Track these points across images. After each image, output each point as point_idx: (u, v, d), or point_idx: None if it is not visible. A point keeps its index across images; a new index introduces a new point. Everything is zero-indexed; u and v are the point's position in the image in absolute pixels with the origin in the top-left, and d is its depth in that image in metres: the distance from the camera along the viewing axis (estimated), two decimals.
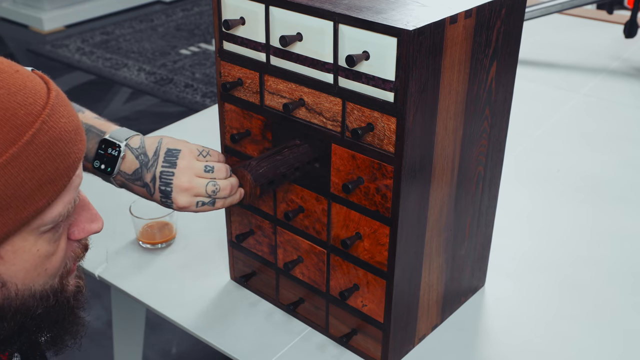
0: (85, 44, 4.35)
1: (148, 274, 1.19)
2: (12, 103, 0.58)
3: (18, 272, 0.63)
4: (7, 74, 0.59)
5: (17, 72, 0.61)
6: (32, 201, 0.59)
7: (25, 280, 0.64)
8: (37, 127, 0.58)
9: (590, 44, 2.20)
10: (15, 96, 0.58)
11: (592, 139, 1.65)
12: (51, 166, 0.60)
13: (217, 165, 0.90)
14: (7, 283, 0.63)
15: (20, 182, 0.58)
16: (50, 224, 0.62)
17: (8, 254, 0.61)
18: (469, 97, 0.90)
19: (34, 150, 0.58)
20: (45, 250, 0.64)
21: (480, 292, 1.15)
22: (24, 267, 0.63)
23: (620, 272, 1.20)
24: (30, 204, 0.59)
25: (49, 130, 0.59)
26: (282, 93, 0.93)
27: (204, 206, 0.89)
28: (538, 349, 1.04)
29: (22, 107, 0.58)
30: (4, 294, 0.63)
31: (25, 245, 0.62)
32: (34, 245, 0.63)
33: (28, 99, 0.59)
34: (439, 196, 0.93)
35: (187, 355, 2.00)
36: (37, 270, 0.64)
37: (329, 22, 0.83)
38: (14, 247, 0.61)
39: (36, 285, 0.65)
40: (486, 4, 0.86)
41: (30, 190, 0.59)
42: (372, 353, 1.00)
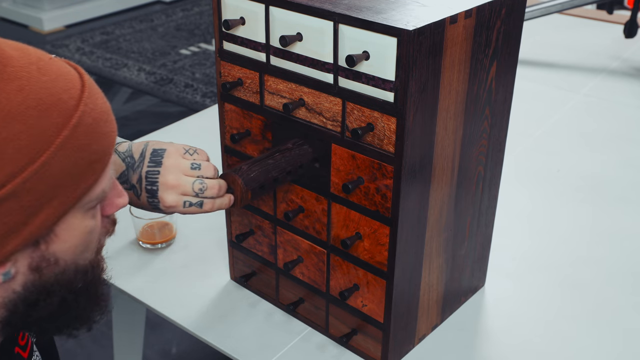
0: (85, 44, 4.35)
1: (148, 274, 1.19)
2: (57, 89, 0.61)
3: (68, 248, 0.66)
4: (45, 62, 0.62)
5: (51, 59, 0.64)
6: (83, 179, 0.63)
7: (73, 256, 0.67)
8: (81, 109, 0.62)
9: (590, 44, 2.20)
10: (57, 82, 0.62)
11: (592, 139, 1.65)
12: (97, 145, 0.63)
13: (204, 164, 0.89)
14: (59, 260, 0.66)
15: (73, 163, 0.62)
16: (95, 200, 0.66)
17: (62, 232, 0.65)
18: (469, 97, 0.90)
19: (82, 131, 0.62)
20: (90, 226, 0.68)
21: (480, 292, 1.15)
22: (73, 244, 0.66)
23: (620, 272, 1.20)
24: (82, 182, 0.63)
25: (90, 112, 0.63)
26: (282, 93, 0.93)
27: (191, 207, 0.88)
28: (538, 348, 1.04)
29: (64, 92, 0.62)
30: (55, 271, 0.66)
31: (75, 222, 0.65)
32: (82, 221, 0.66)
33: (68, 83, 0.62)
34: (439, 196, 0.93)
35: (187, 355, 2.00)
36: (83, 246, 0.68)
37: (329, 22, 0.83)
38: (67, 225, 0.64)
39: (80, 260, 0.69)
40: (486, 4, 0.86)
41: (81, 169, 0.62)
42: (372, 353, 1.00)
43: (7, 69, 0.59)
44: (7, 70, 0.59)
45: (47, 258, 0.65)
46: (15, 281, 0.64)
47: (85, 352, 2.00)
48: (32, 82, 0.60)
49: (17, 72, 0.59)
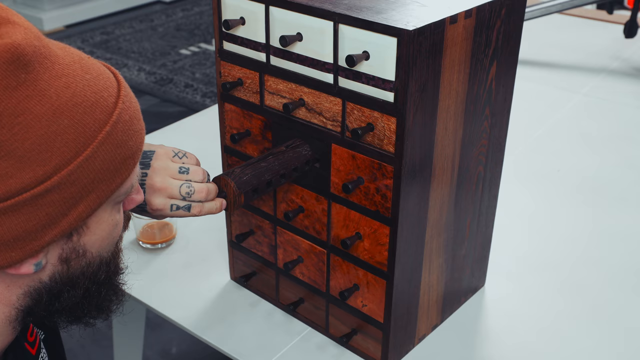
0: (85, 44, 4.35)
1: (148, 274, 1.19)
2: (98, 86, 0.64)
3: (96, 240, 0.68)
4: (86, 61, 0.65)
5: (89, 58, 0.66)
6: (118, 174, 0.65)
7: (100, 249, 0.69)
8: (120, 107, 0.65)
9: (590, 44, 2.20)
10: (99, 80, 0.64)
11: (592, 139, 1.65)
12: (132, 141, 0.66)
13: (193, 168, 0.88)
14: (87, 252, 0.68)
15: (112, 158, 0.64)
16: (123, 195, 0.69)
17: (93, 224, 0.67)
18: (469, 97, 0.90)
19: (121, 128, 0.64)
20: (116, 220, 0.70)
21: (480, 292, 1.15)
22: (101, 236, 0.68)
23: (620, 272, 1.20)
24: (117, 177, 0.65)
25: (127, 110, 0.66)
26: (282, 93, 0.93)
27: (179, 210, 0.87)
28: (538, 348, 1.04)
29: (105, 90, 0.64)
30: (82, 263, 0.68)
31: (104, 216, 0.68)
32: (110, 215, 0.69)
33: (107, 82, 0.65)
34: (439, 196, 0.93)
35: (187, 355, 2.00)
36: (109, 239, 0.70)
37: (329, 22, 0.83)
38: (98, 218, 0.67)
39: (104, 253, 0.71)
40: (486, 4, 0.86)
41: (118, 164, 0.65)
42: (372, 353, 1.00)
43: (55, 67, 0.61)
44: (56, 68, 0.61)
45: (76, 250, 0.67)
46: (44, 271, 0.66)
47: (85, 352, 2.00)
48: (77, 80, 0.62)
49: (64, 70, 0.61)
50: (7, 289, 0.65)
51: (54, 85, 0.60)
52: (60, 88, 0.60)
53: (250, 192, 0.89)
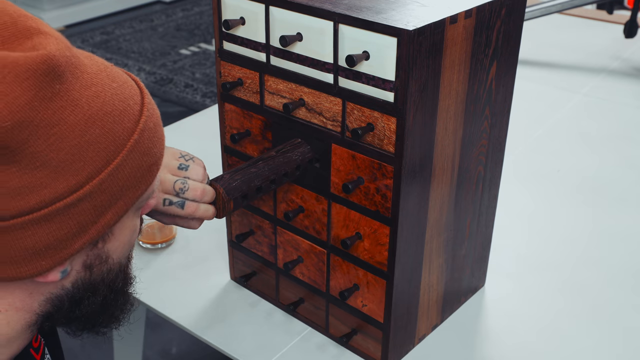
0: (85, 44, 4.35)
1: (148, 274, 1.19)
2: (125, 95, 0.64)
3: (119, 246, 0.69)
4: (110, 69, 0.65)
5: (112, 65, 0.67)
6: (143, 181, 0.66)
7: (120, 255, 0.70)
8: (145, 114, 0.65)
9: (590, 44, 2.20)
10: (124, 89, 0.65)
11: (592, 139, 1.65)
12: (156, 148, 0.67)
13: (193, 166, 0.89)
14: (109, 258, 0.68)
15: (139, 165, 0.64)
16: (145, 201, 0.69)
17: (117, 230, 0.67)
18: (469, 97, 0.90)
19: (147, 135, 0.65)
20: (136, 226, 0.71)
21: (480, 292, 1.15)
22: (122, 242, 0.69)
23: (620, 272, 1.20)
24: (142, 183, 0.66)
25: (151, 117, 0.67)
26: (282, 93, 0.93)
27: (171, 206, 0.87)
28: (538, 348, 1.04)
29: (130, 98, 0.65)
30: (104, 269, 0.68)
31: (127, 222, 0.68)
32: (132, 221, 0.69)
33: (132, 90, 0.66)
34: (439, 196, 0.93)
35: (187, 355, 2.00)
36: (129, 244, 0.71)
37: (329, 22, 0.83)
38: (122, 224, 0.67)
39: (122, 259, 0.71)
40: (486, 4, 0.86)
41: (144, 171, 0.65)
42: (372, 353, 1.00)
43: (85, 76, 0.61)
44: (85, 77, 0.61)
45: (100, 256, 0.67)
46: (67, 278, 0.66)
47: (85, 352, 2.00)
48: (106, 89, 0.62)
49: (93, 79, 0.61)
50: (29, 296, 0.65)
51: (85, 95, 0.60)
52: (90, 97, 0.60)
53: (240, 199, 0.89)
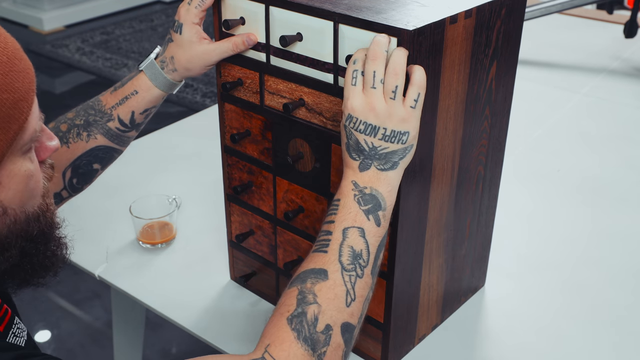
0: (85, 44, 4.35)
1: (148, 274, 1.19)
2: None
3: (14, 196, 0.67)
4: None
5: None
6: (13, 119, 0.64)
7: (21, 203, 0.68)
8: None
9: (590, 44, 2.20)
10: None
11: (592, 139, 1.65)
12: (18, 83, 0.64)
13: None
14: (8, 209, 0.67)
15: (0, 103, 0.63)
16: (29, 142, 0.67)
17: (4, 179, 0.66)
18: (469, 97, 0.90)
19: (0, 71, 0.63)
20: (29, 170, 0.68)
21: (480, 292, 1.15)
22: (17, 190, 0.67)
23: (620, 272, 1.20)
24: (13, 122, 0.64)
25: (3, 51, 0.64)
26: (282, 93, 0.93)
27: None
28: (538, 348, 1.04)
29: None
30: (6, 221, 0.67)
31: (14, 168, 0.66)
32: (21, 166, 0.67)
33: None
34: (439, 196, 0.93)
35: (187, 355, 2.00)
36: (27, 191, 0.69)
37: (329, 22, 0.83)
38: (7, 171, 0.66)
39: (29, 207, 0.70)
40: (486, 4, 0.86)
41: (8, 108, 0.63)
42: (372, 353, 1.00)
43: None
44: None
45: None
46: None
47: (85, 352, 2.00)
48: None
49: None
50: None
51: None
52: None
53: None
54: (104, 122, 0.99)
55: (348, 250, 0.76)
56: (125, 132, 1.00)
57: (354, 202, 0.78)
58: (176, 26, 0.95)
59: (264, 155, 0.99)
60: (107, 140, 1.00)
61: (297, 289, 0.74)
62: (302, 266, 0.77)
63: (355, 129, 0.78)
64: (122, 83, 0.99)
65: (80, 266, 1.20)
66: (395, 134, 0.78)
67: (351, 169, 0.80)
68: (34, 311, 2.16)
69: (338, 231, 0.77)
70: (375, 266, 0.78)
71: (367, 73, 0.77)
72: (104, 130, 0.99)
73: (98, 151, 1.00)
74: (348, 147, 0.80)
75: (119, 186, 1.42)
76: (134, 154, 1.54)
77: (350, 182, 0.79)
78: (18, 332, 0.77)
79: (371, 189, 0.79)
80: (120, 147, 1.02)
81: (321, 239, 0.78)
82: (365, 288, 0.76)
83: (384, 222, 0.79)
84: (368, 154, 0.79)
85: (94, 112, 0.99)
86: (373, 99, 0.77)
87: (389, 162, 0.79)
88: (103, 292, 2.23)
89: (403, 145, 0.79)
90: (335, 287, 0.74)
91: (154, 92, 0.98)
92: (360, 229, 0.77)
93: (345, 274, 0.75)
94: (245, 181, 1.04)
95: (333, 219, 0.78)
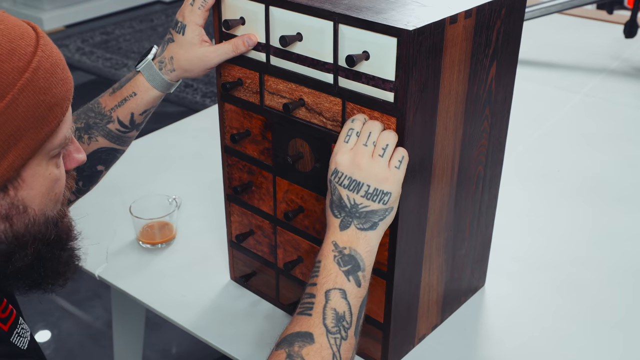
0: (85, 44, 4.35)
1: (148, 274, 1.19)
2: (13, 36, 0.66)
3: (35, 196, 0.69)
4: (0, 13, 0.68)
5: (4, 12, 0.70)
6: (46, 122, 0.67)
7: (41, 205, 0.70)
8: (39, 54, 0.67)
9: (590, 44, 2.20)
10: (14, 30, 0.67)
11: (592, 139, 1.65)
12: (56, 89, 0.68)
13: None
14: (28, 208, 0.69)
15: (36, 104, 0.66)
16: (58, 148, 0.70)
17: (29, 178, 0.68)
18: (469, 97, 0.90)
19: (42, 75, 0.66)
20: (54, 174, 0.71)
21: (480, 292, 1.15)
22: (40, 191, 0.70)
23: (620, 272, 1.20)
24: (45, 124, 0.67)
25: (48, 57, 0.68)
26: (282, 93, 0.93)
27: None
28: (538, 348, 1.04)
29: (21, 39, 0.67)
30: (25, 220, 0.69)
31: (40, 170, 0.69)
32: (47, 169, 0.70)
33: (23, 32, 0.68)
34: (439, 196, 0.93)
35: (187, 355, 2.00)
36: (49, 195, 0.71)
37: (329, 22, 0.83)
38: (33, 171, 0.68)
39: (48, 211, 0.72)
40: (486, 4, 0.86)
41: (43, 111, 0.67)
42: (372, 353, 1.00)
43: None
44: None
45: (16, 205, 0.68)
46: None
47: (85, 352, 2.00)
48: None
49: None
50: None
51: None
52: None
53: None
54: (104, 124, 0.99)
55: (331, 312, 0.78)
56: (125, 132, 1.00)
57: (334, 263, 0.80)
58: (179, 27, 0.95)
59: (264, 155, 0.99)
60: (108, 142, 1.00)
61: (285, 353, 0.76)
62: (288, 329, 0.79)
63: (339, 183, 0.81)
64: (121, 84, 1.00)
65: (80, 266, 1.20)
66: (377, 193, 0.80)
67: (332, 228, 0.82)
68: (34, 311, 2.16)
69: (321, 294, 0.79)
70: (357, 327, 0.80)
71: (363, 132, 0.81)
72: (104, 132, 0.99)
73: (100, 153, 1.01)
74: (331, 204, 0.83)
75: (119, 186, 1.42)
76: (134, 154, 1.54)
77: (330, 242, 0.82)
78: (22, 333, 0.77)
79: (350, 249, 0.81)
80: (122, 147, 1.03)
81: (305, 302, 0.80)
82: (349, 350, 0.78)
83: (364, 282, 0.81)
84: (349, 211, 0.81)
85: (94, 114, 0.99)
86: (360, 155, 0.80)
87: (368, 221, 0.81)
88: (103, 292, 2.23)
89: (384, 206, 0.81)
90: (322, 350, 0.76)
91: (152, 93, 0.98)
92: (342, 291, 0.79)
93: (331, 336, 0.77)
94: (245, 181, 1.04)
95: (315, 282, 0.80)
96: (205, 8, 0.93)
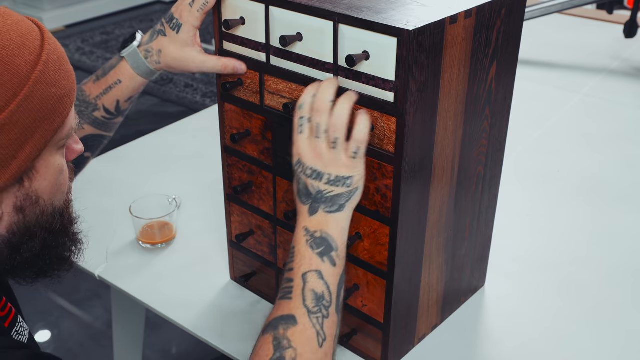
0: (85, 44, 4.35)
1: (148, 274, 1.19)
2: (22, 31, 0.68)
3: (47, 186, 0.71)
4: (3, 9, 0.69)
5: (6, 8, 0.71)
6: (57, 113, 0.69)
7: (50, 196, 0.72)
8: (47, 48, 0.69)
9: (590, 44, 2.20)
10: (21, 25, 0.68)
11: (592, 139, 1.65)
12: (64, 80, 0.70)
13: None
14: (40, 199, 0.71)
15: (48, 96, 0.68)
16: (65, 138, 0.72)
17: (41, 168, 0.70)
18: (469, 97, 0.90)
19: (52, 67, 0.68)
20: (62, 165, 0.73)
21: (480, 292, 1.15)
22: (50, 182, 0.71)
23: (620, 272, 1.20)
24: (57, 115, 0.69)
25: (54, 50, 0.70)
26: (282, 93, 0.93)
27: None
28: (538, 348, 1.04)
29: (29, 33, 0.68)
30: (36, 211, 0.71)
31: (51, 160, 0.71)
32: (56, 159, 0.72)
33: (29, 27, 0.69)
34: (439, 196, 0.93)
35: (187, 355, 2.00)
36: (57, 185, 0.73)
37: (329, 22, 0.83)
38: (46, 162, 0.70)
39: (56, 202, 0.73)
40: (486, 4, 0.86)
41: (55, 102, 0.69)
42: (372, 353, 1.00)
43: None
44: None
45: (30, 196, 0.69)
46: (1, 224, 0.69)
47: (85, 352, 2.00)
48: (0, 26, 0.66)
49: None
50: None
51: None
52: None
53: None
54: (90, 112, 1.00)
55: (311, 293, 0.79)
56: (111, 119, 1.02)
57: (307, 247, 0.82)
58: (174, 24, 0.95)
59: (264, 155, 0.99)
60: (95, 129, 1.01)
61: (272, 336, 0.77)
62: (272, 314, 0.80)
63: (303, 173, 0.83)
64: (104, 71, 1.00)
65: (80, 266, 1.20)
66: (339, 179, 0.82)
67: (302, 214, 0.84)
68: (33, 311, 2.16)
69: (298, 277, 0.80)
70: (338, 304, 0.81)
71: (312, 123, 0.82)
72: (90, 120, 1.00)
73: (87, 140, 1.02)
74: (299, 192, 0.84)
75: (119, 186, 1.42)
76: (134, 154, 1.54)
77: (302, 228, 0.83)
78: (21, 331, 0.77)
79: (321, 232, 0.82)
80: (108, 133, 1.05)
81: (284, 287, 0.81)
82: (332, 327, 0.80)
83: (339, 261, 0.82)
84: (315, 198, 0.83)
85: (79, 102, 1.00)
86: (318, 147, 0.82)
87: (335, 204, 0.83)
88: (103, 292, 2.23)
89: (348, 189, 0.82)
90: (306, 330, 0.77)
91: (137, 80, 0.99)
92: (318, 272, 0.81)
93: (313, 316, 0.78)
94: (245, 181, 1.04)
95: (292, 267, 0.82)
96: (204, 11, 0.93)
